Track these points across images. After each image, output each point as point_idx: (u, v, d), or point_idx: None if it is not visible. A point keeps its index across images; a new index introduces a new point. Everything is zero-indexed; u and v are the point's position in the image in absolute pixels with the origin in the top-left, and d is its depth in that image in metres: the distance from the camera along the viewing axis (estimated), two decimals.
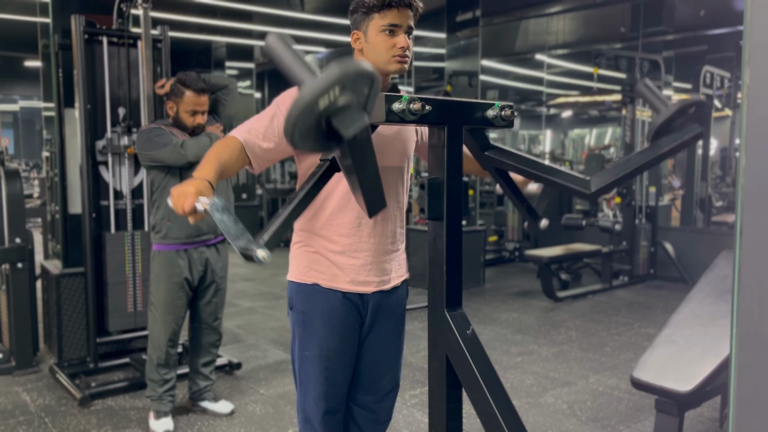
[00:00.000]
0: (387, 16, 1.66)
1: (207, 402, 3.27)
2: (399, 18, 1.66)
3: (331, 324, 1.81)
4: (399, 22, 1.67)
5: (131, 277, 3.73)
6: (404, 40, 1.68)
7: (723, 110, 7.95)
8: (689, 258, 6.55)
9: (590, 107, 13.96)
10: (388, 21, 1.66)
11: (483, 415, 1.43)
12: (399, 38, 1.67)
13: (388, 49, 1.67)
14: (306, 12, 9.46)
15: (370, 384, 1.94)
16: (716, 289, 2.77)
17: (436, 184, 1.50)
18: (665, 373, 2.42)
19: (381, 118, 1.43)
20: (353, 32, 1.73)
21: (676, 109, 1.64)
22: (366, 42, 1.70)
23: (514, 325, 4.99)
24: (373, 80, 1.26)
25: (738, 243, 0.80)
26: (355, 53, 1.76)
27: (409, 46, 1.70)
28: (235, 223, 1.28)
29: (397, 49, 1.67)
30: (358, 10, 1.70)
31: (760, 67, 0.77)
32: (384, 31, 1.67)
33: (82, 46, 3.53)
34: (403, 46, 1.67)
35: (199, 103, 2.95)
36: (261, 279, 7.00)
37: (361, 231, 1.80)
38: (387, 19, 1.66)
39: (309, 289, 1.82)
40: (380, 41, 1.67)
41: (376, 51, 1.68)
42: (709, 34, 8.96)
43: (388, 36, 1.67)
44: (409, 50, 1.70)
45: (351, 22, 1.75)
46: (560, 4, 9.18)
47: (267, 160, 1.71)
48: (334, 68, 1.17)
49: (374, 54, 1.69)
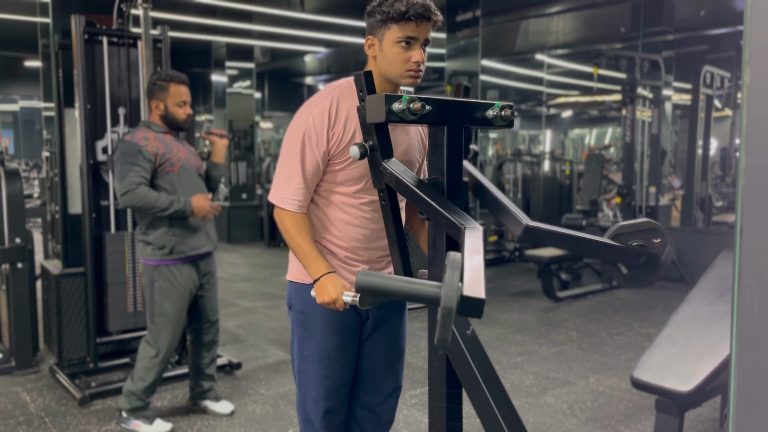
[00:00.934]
0: (405, 28, 1.61)
1: (209, 402, 3.27)
2: (417, 31, 1.62)
3: (330, 323, 1.81)
4: (416, 35, 1.62)
5: (131, 277, 3.73)
6: (420, 54, 1.63)
7: (723, 110, 7.94)
8: (689, 258, 6.55)
9: (590, 107, 13.97)
10: (405, 33, 1.61)
11: (483, 415, 1.43)
12: (415, 52, 1.63)
13: (402, 62, 1.64)
14: (306, 12, 9.46)
15: (372, 385, 1.94)
16: (716, 289, 2.77)
17: (436, 184, 1.50)
18: (665, 373, 2.42)
19: (381, 118, 1.43)
20: (368, 37, 1.69)
21: (643, 228, 1.55)
22: (380, 51, 1.66)
23: (514, 325, 4.99)
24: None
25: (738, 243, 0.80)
26: (369, 59, 1.72)
27: (424, 59, 1.66)
28: (407, 282, 1.22)
29: (411, 63, 1.63)
30: (375, 15, 1.64)
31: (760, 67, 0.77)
32: (400, 42, 1.62)
33: (82, 46, 3.53)
34: (418, 61, 1.63)
35: (185, 92, 3.01)
36: (261, 279, 7.00)
37: (362, 239, 1.81)
38: (405, 31, 1.61)
39: (308, 288, 1.82)
40: (395, 53, 1.63)
41: (391, 63, 1.65)
42: (709, 34, 8.97)
43: (404, 49, 1.62)
44: (423, 64, 1.66)
45: (366, 26, 1.70)
46: (560, 4, 9.18)
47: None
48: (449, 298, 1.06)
49: (388, 65, 1.66)
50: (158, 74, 3.01)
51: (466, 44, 7.32)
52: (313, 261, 1.68)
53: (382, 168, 1.58)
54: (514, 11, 9.23)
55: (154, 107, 3.01)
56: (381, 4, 1.63)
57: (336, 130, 1.70)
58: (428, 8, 1.62)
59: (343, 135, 1.70)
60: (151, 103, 3.01)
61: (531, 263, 7.18)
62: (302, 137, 1.69)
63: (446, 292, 1.02)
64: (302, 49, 11.79)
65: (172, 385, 3.63)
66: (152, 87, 3.00)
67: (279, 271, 7.20)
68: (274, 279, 6.93)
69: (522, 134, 15.32)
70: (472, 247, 1.22)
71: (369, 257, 1.84)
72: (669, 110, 8.52)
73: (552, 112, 14.55)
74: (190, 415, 3.24)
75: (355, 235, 1.79)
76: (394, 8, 1.60)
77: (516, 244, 7.85)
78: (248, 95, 10.19)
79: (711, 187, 7.12)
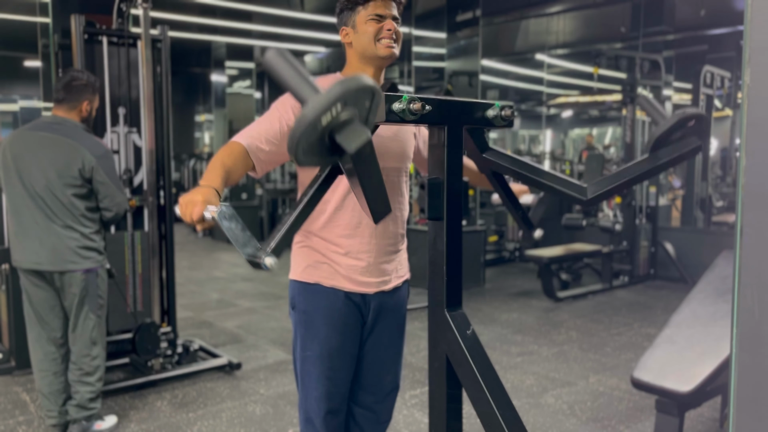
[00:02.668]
0: (371, 6, 1.72)
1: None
2: (383, 8, 1.72)
3: (333, 323, 1.81)
4: (383, 12, 1.72)
5: (131, 277, 3.73)
6: (391, 23, 1.73)
7: (723, 110, 7.94)
8: (689, 258, 6.55)
9: (590, 107, 13.97)
10: (374, 11, 1.72)
11: (483, 415, 1.43)
12: (386, 23, 1.72)
13: (376, 33, 1.72)
14: (306, 12, 9.46)
15: (372, 384, 1.95)
16: (716, 289, 2.77)
17: (436, 184, 1.49)
18: (665, 373, 2.42)
19: (381, 118, 1.43)
20: (342, 29, 1.78)
21: (674, 122, 1.63)
22: (355, 33, 1.75)
23: (514, 325, 4.99)
24: (374, 93, 1.26)
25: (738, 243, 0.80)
26: (346, 48, 1.80)
27: (398, 33, 1.74)
28: (243, 230, 1.29)
29: (384, 32, 1.72)
30: (344, 8, 1.76)
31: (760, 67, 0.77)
32: (371, 20, 1.72)
33: (82, 46, 3.53)
34: (390, 29, 1.72)
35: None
36: (261, 279, 7.00)
37: (362, 233, 1.80)
38: (371, 9, 1.72)
39: (311, 288, 1.82)
40: (367, 28, 1.72)
41: (366, 37, 1.73)
42: (709, 34, 8.97)
43: (376, 22, 1.72)
44: (397, 36, 1.74)
45: (338, 22, 1.80)
46: (560, 4, 9.18)
47: (270, 162, 1.70)
48: (336, 85, 1.18)
49: (364, 41, 1.73)
50: (90, 77, 2.95)
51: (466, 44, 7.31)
52: (209, 173, 1.53)
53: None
54: (514, 11, 9.24)
55: (86, 107, 2.93)
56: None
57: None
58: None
59: None
60: (84, 103, 2.91)
61: (531, 263, 7.18)
62: (275, 109, 1.73)
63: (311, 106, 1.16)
64: (302, 49, 11.80)
65: (172, 385, 3.64)
66: (89, 87, 2.93)
67: (279, 271, 7.18)
68: (274, 279, 6.93)
69: (522, 134, 15.31)
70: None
71: (369, 257, 1.83)
72: (669, 110, 8.52)
73: (552, 112, 14.55)
74: (189, 415, 3.24)
75: (352, 222, 1.79)
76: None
77: (516, 244, 7.84)
78: (248, 95, 10.19)
79: (711, 187, 7.12)
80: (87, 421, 2.95)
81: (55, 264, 2.77)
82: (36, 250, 2.78)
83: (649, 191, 6.82)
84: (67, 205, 2.78)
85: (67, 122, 2.86)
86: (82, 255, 2.82)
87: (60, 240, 2.77)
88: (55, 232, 2.77)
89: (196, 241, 10.13)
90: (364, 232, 1.80)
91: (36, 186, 2.76)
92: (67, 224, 2.78)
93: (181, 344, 3.85)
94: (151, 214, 3.72)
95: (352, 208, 1.78)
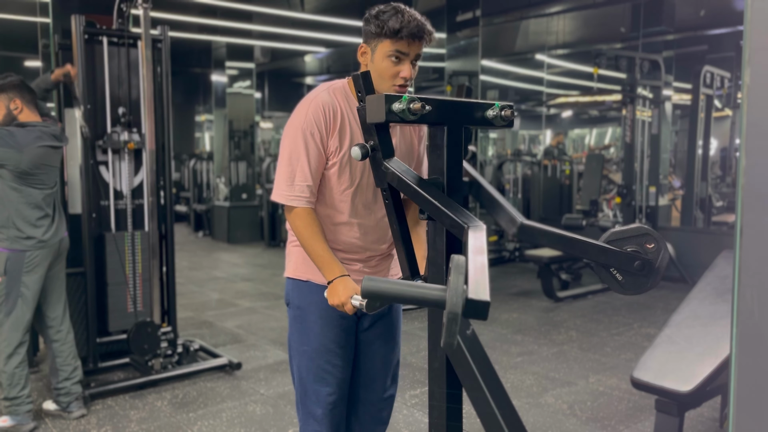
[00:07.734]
0: (397, 44, 1.65)
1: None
2: (408, 48, 1.66)
3: (327, 319, 1.84)
4: (407, 51, 1.66)
5: (131, 277, 3.73)
6: (408, 70, 1.67)
7: (723, 110, 7.94)
8: (689, 258, 6.55)
9: (590, 107, 13.97)
10: (396, 48, 1.66)
11: (483, 415, 1.43)
12: (404, 66, 1.67)
13: (391, 77, 1.68)
14: (306, 12, 9.46)
15: (371, 380, 1.97)
16: (716, 289, 2.77)
17: (437, 183, 1.49)
18: (665, 373, 2.42)
19: (381, 118, 1.43)
20: (362, 44, 1.73)
21: (634, 234, 1.52)
22: (371, 62, 1.70)
23: (514, 325, 4.99)
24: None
25: (738, 243, 0.80)
26: (361, 67, 1.76)
27: (413, 75, 1.70)
28: (412, 287, 1.17)
29: (399, 79, 1.68)
30: (371, 24, 1.68)
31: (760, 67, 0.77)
32: (390, 57, 1.66)
33: (82, 46, 3.53)
34: (406, 77, 1.68)
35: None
36: (261, 279, 7.00)
37: (356, 232, 1.83)
38: (396, 46, 1.65)
39: (304, 285, 1.86)
40: (385, 67, 1.68)
41: (380, 75, 1.69)
42: (709, 34, 8.97)
43: (394, 63, 1.67)
44: (411, 79, 1.71)
45: (363, 32, 1.74)
46: (560, 4, 9.17)
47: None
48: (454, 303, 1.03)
49: (377, 77, 1.69)
50: (17, 77, 2.99)
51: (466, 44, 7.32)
52: (328, 264, 1.70)
53: (384, 168, 1.58)
54: (514, 11, 9.23)
55: (12, 105, 2.97)
56: (378, 15, 1.66)
57: (333, 125, 1.73)
58: (422, 29, 1.66)
59: (339, 131, 1.73)
60: (13, 101, 2.97)
61: (531, 263, 7.18)
62: (302, 133, 1.71)
63: (451, 296, 1.01)
64: (302, 49, 11.79)
65: (172, 385, 3.64)
66: (20, 87, 2.99)
67: (279, 271, 7.20)
68: (274, 279, 6.93)
69: (522, 134, 15.31)
70: (475, 247, 1.21)
71: (361, 257, 1.86)
72: (669, 110, 8.52)
73: (552, 112, 14.55)
74: (189, 415, 3.24)
75: (347, 234, 1.82)
76: (388, 25, 1.63)
77: (516, 244, 7.84)
78: (248, 95, 10.18)
79: (711, 187, 7.12)
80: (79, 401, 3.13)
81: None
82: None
83: (649, 191, 6.82)
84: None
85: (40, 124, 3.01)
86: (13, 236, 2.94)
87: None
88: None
89: (196, 241, 10.14)
90: (358, 231, 1.82)
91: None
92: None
93: (182, 344, 3.85)
94: (151, 214, 3.72)
95: (353, 224, 1.81)
